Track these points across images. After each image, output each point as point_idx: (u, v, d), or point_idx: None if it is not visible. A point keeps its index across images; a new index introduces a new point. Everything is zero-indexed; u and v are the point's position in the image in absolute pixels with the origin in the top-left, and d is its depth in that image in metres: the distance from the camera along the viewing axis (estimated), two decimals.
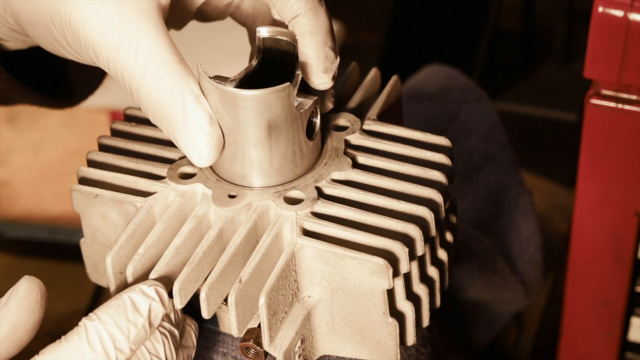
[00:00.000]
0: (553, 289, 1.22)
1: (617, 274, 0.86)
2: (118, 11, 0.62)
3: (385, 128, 0.70)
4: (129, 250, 0.64)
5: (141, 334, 0.59)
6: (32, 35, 0.67)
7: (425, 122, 0.99)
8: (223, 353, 0.71)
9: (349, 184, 0.66)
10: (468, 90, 1.02)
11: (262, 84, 0.62)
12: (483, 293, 0.91)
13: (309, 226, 0.63)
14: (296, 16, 0.65)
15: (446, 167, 0.67)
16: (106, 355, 0.58)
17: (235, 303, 0.60)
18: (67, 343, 0.57)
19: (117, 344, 0.58)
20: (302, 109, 0.63)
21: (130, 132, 0.73)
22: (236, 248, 0.62)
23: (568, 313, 0.92)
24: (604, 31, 0.73)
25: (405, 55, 1.58)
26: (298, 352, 0.64)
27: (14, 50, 0.73)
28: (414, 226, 0.62)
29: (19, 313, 0.58)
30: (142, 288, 0.60)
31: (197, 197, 0.66)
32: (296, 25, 0.65)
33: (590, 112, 0.77)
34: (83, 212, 0.69)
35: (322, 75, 0.66)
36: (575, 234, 0.86)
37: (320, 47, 0.66)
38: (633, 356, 0.93)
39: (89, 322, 0.58)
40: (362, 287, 0.62)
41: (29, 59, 0.75)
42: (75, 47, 0.64)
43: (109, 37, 0.62)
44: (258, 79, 0.65)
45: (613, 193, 0.81)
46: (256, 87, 0.61)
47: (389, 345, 0.64)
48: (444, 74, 1.04)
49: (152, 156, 0.70)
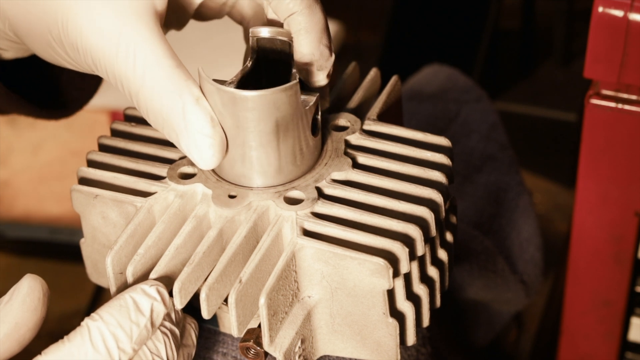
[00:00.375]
0: (553, 289, 1.22)
1: (617, 274, 0.86)
2: (115, 18, 0.62)
3: (385, 128, 0.70)
4: (129, 251, 0.64)
5: (143, 334, 0.59)
6: (31, 46, 0.67)
7: (425, 122, 0.99)
8: (223, 353, 0.71)
9: (349, 184, 0.66)
10: (468, 90, 1.02)
11: (258, 85, 0.62)
12: (483, 293, 0.91)
13: (309, 226, 0.63)
14: (292, 14, 0.65)
15: (446, 167, 0.67)
16: (109, 356, 0.58)
17: (235, 303, 0.60)
18: (69, 343, 0.57)
19: (120, 344, 0.58)
20: (307, 105, 0.63)
21: (130, 132, 0.73)
22: (236, 248, 0.62)
23: (568, 313, 0.92)
24: (604, 31, 0.73)
25: (405, 55, 1.58)
26: (298, 352, 0.64)
27: (11, 59, 0.73)
28: (414, 226, 0.62)
29: (22, 311, 0.57)
30: (144, 288, 0.60)
31: (197, 197, 0.66)
32: (292, 23, 0.65)
33: (590, 112, 0.77)
34: (83, 212, 0.69)
35: (318, 72, 0.67)
36: (575, 234, 0.86)
37: (316, 44, 0.66)
38: (633, 356, 0.93)
39: (92, 322, 0.58)
40: (362, 287, 0.62)
41: (24, 69, 0.75)
42: (73, 56, 0.64)
43: (106, 44, 0.62)
44: (253, 80, 0.65)
45: (613, 193, 0.81)
46: (253, 88, 0.61)
47: (389, 345, 0.64)
48: (444, 74, 1.04)
49: (152, 156, 0.70)
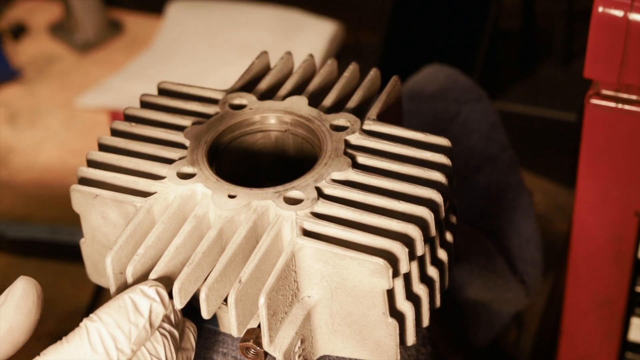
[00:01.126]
0: (553, 289, 1.22)
1: (617, 274, 0.86)
2: None
3: (385, 128, 0.70)
4: (129, 251, 0.64)
5: (142, 335, 0.59)
6: None
7: (425, 122, 0.99)
8: (223, 353, 0.71)
9: (349, 184, 0.66)
10: (468, 90, 1.02)
11: None
12: (483, 293, 0.91)
13: (308, 226, 0.63)
14: None
15: (446, 167, 0.67)
16: (107, 356, 0.57)
17: (235, 303, 0.60)
18: (68, 344, 0.57)
19: (118, 344, 0.58)
20: None
21: (130, 132, 0.73)
22: (236, 248, 0.62)
23: (568, 313, 0.92)
24: (604, 31, 0.73)
25: (405, 55, 1.58)
26: (298, 352, 0.64)
27: None
28: (413, 226, 0.62)
29: (16, 314, 0.57)
30: (143, 289, 0.60)
31: (197, 197, 0.66)
32: None
33: (590, 112, 0.77)
34: (83, 212, 0.69)
35: None
36: (575, 234, 0.86)
37: None
38: (633, 356, 0.93)
39: (90, 323, 0.58)
40: (362, 287, 0.62)
41: None
42: None
43: None
44: None
45: (613, 193, 0.81)
46: None
47: (388, 345, 0.64)
48: (444, 74, 1.04)
49: (152, 156, 0.70)
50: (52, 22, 1.86)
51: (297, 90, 0.75)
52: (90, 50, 1.80)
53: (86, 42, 1.80)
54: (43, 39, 1.84)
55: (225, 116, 0.72)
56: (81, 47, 1.80)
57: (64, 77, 1.75)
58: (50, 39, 1.84)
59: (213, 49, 1.75)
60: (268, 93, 0.76)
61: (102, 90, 1.69)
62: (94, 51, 1.80)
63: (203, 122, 0.72)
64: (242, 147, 0.74)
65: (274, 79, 0.77)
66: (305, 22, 1.75)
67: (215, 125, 0.71)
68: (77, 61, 1.79)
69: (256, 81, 0.77)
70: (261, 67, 0.78)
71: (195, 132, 0.71)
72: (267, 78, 0.76)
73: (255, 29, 1.76)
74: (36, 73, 1.76)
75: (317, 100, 0.74)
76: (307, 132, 0.72)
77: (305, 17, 1.76)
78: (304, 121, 0.71)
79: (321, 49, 1.68)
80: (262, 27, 1.76)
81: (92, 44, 1.80)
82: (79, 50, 1.80)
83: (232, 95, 0.74)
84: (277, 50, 0.93)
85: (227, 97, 0.74)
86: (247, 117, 0.73)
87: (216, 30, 1.79)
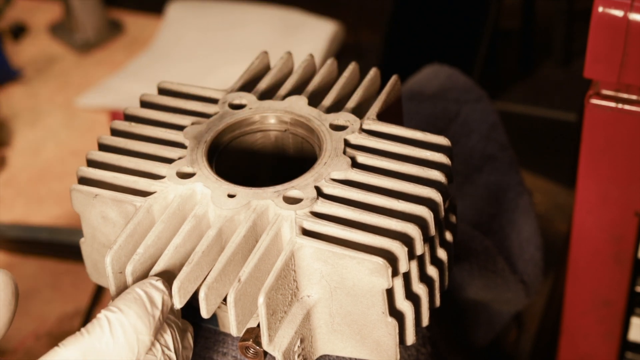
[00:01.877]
0: (553, 289, 1.22)
1: (617, 274, 0.86)
2: None
3: (384, 127, 0.70)
4: (129, 250, 0.64)
5: (157, 326, 0.59)
6: None
7: (425, 122, 0.99)
8: (223, 353, 0.71)
9: (349, 183, 0.66)
10: (468, 90, 1.02)
11: None
12: (483, 293, 0.91)
13: (308, 226, 0.63)
14: None
15: (446, 166, 0.67)
16: (128, 347, 0.57)
17: (234, 302, 0.60)
18: (89, 335, 0.57)
19: (140, 335, 0.58)
20: None
21: (129, 132, 0.73)
22: (235, 247, 0.62)
23: (568, 313, 0.92)
24: (604, 31, 0.73)
25: (405, 55, 1.58)
26: (297, 352, 0.64)
27: None
28: (413, 225, 0.62)
29: None
30: (152, 282, 0.60)
31: (197, 197, 0.66)
32: None
33: (590, 112, 0.77)
34: (83, 212, 0.69)
35: None
36: (575, 234, 0.86)
37: None
38: (633, 356, 0.93)
39: (111, 314, 0.58)
40: (362, 287, 0.62)
41: None
42: None
43: None
44: None
45: (613, 193, 0.81)
46: None
47: (388, 344, 0.64)
48: (444, 74, 1.04)
49: (152, 156, 0.70)
50: (52, 22, 1.86)
51: (297, 90, 0.75)
52: (90, 50, 1.80)
53: (86, 42, 1.80)
54: (43, 39, 1.85)
55: (225, 116, 0.72)
56: (81, 47, 1.80)
57: (64, 77, 1.76)
58: (50, 39, 1.84)
59: (213, 49, 1.75)
60: (268, 93, 0.76)
61: (102, 90, 1.69)
62: (94, 51, 1.81)
63: (203, 122, 0.72)
64: (242, 147, 0.74)
65: (273, 78, 0.77)
66: (305, 22, 1.75)
67: (215, 125, 0.71)
68: (77, 61, 1.79)
69: (256, 81, 0.77)
70: (261, 67, 0.78)
71: (195, 131, 0.71)
72: (266, 78, 0.76)
73: (255, 29, 1.77)
74: (36, 73, 1.77)
75: (317, 100, 0.74)
76: (306, 132, 0.72)
77: (305, 17, 1.76)
78: (303, 121, 0.71)
79: (321, 49, 1.68)
80: (262, 27, 1.77)
81: (92, 44, 1.81)
82: (79, 50, 1.80)
83: (232, 95, 0.74)
84: (277, 50, 0.93)
85: (227, 97, 0.74)
86: (247, 116, 0.73)
87: (216, 30, 1.79)
